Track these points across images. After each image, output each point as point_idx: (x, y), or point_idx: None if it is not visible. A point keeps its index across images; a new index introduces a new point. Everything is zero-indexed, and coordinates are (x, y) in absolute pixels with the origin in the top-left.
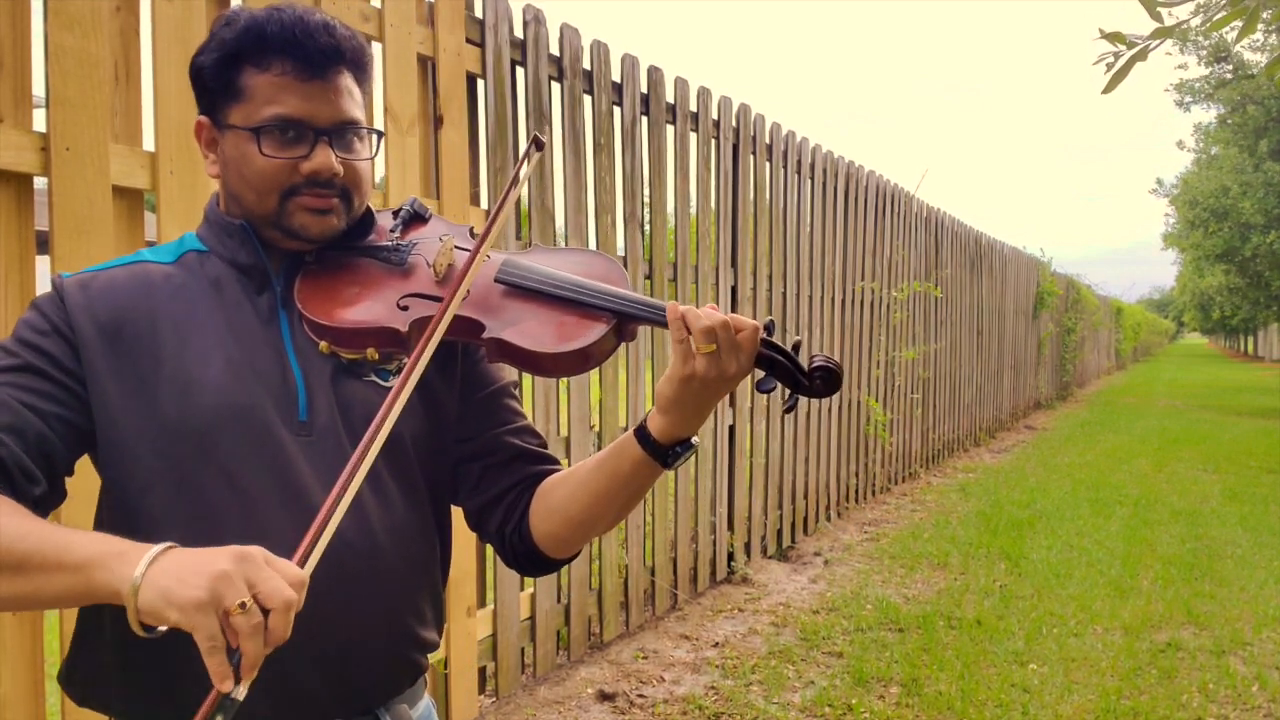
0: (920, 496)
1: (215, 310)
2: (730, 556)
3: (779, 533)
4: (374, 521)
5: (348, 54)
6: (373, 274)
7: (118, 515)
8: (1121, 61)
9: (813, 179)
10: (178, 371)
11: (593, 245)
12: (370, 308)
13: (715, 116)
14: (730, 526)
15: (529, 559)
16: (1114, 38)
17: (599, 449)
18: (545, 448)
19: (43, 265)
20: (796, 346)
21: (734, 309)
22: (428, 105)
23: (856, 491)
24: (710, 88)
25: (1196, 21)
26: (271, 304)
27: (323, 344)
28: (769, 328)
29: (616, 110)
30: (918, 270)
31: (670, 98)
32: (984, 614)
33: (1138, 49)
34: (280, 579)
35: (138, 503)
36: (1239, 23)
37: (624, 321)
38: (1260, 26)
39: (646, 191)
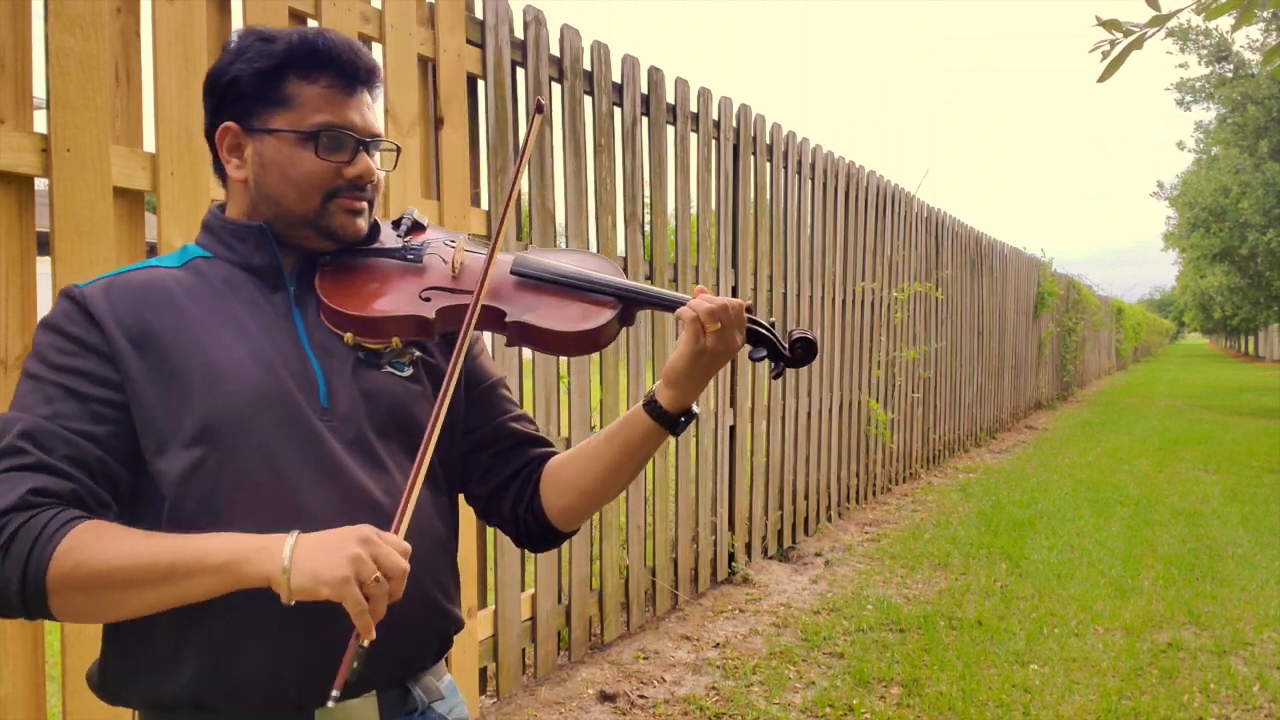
0: (921, 497)
1: (232, 306)
2: (731, 557)
3: (780, 533)
4: (397, 498)
5: (375, 74)
6: (390, 271)
7: (164, 508)
8: (1118, 50)
9: (813, 179)
10: (205, 364)
11: (593, 246)
12: (395, 299)
13: (716, 117)
14: (731, 527)
15: (542, 535)
16: (1110, 25)
17: None
18: (539, 431)
19: (43, 266)
20: (772, 324)
21: None
22: (428, 106)
23: (857, 492)
24: (711, 88)
25: (1193, 16)
26: (285, 302)
27: (348, 335)
28: (748, 308)
29: (617, 111)
30: (918, 270)
31: (671, 98)
32: (985, 614)
33: (1134, 37)
34: (395, 553)
35: (182, 493)
36: (1236, 13)
37: (627, 307)
38: (1259, 25)
39: (647, 192)
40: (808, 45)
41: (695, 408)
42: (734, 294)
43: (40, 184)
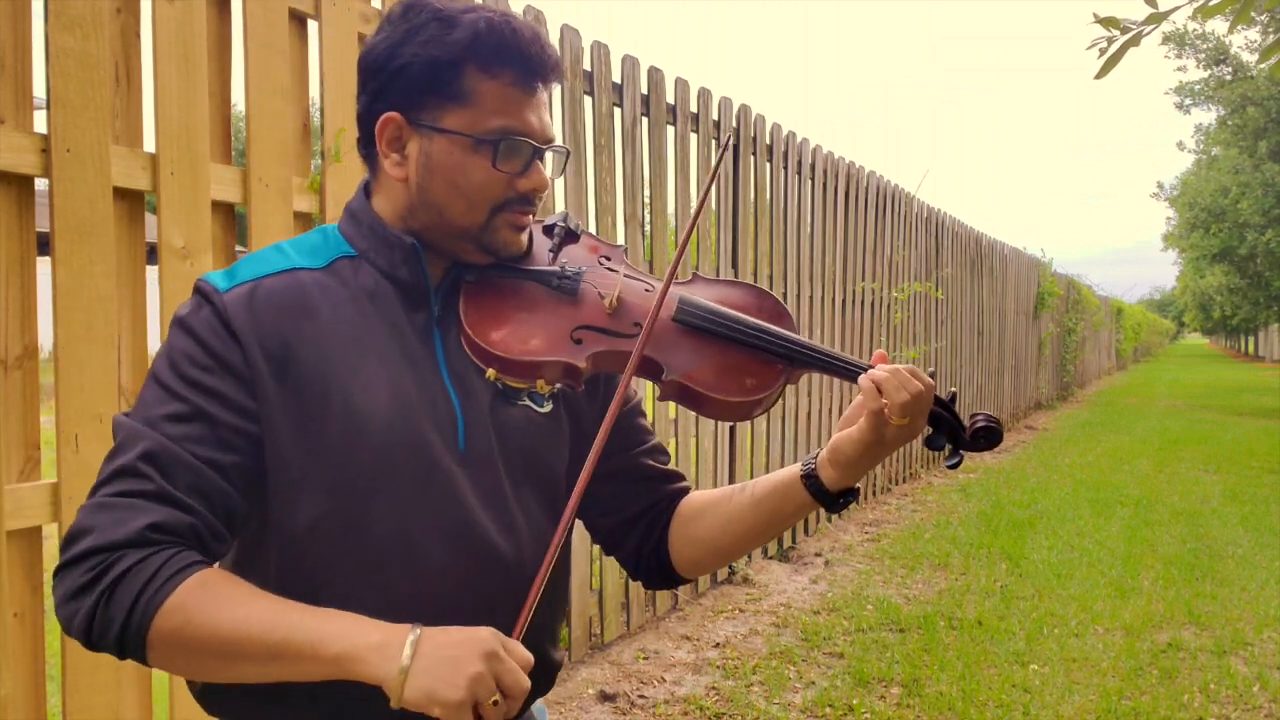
0: (921, 497)
1: (376, 330)
2: None
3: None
4: (525, 552)
5: (559, 71)
6: (541, 300)
7: (286, 553)
8: (1115, 47)
9: (813, 179)
10: (345, 404)
11: None
12: (545, 338)
13: (716, 117)
14: None
15: (661, 577)
16: (1108, 22)
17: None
18: (670, 463)
19: (43, 266)
20: (953, 398)
21: None
22: None
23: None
24: (711, 88)
25: (1189, 21)
26: (426, 323)
27: (490, 371)
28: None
29: (617, 111)
30: (918, 270)
31: (671, 99)
32: (985, 614)
33: (1131, 34)
34: (519, 669)
35: (306, 541)
36: (1232, 14)
37: (797, 369)
38: (1258, 26)
39: (647, 192)
40: (808, 45)
41: (857, 485)
42: None
43: (40, 184)
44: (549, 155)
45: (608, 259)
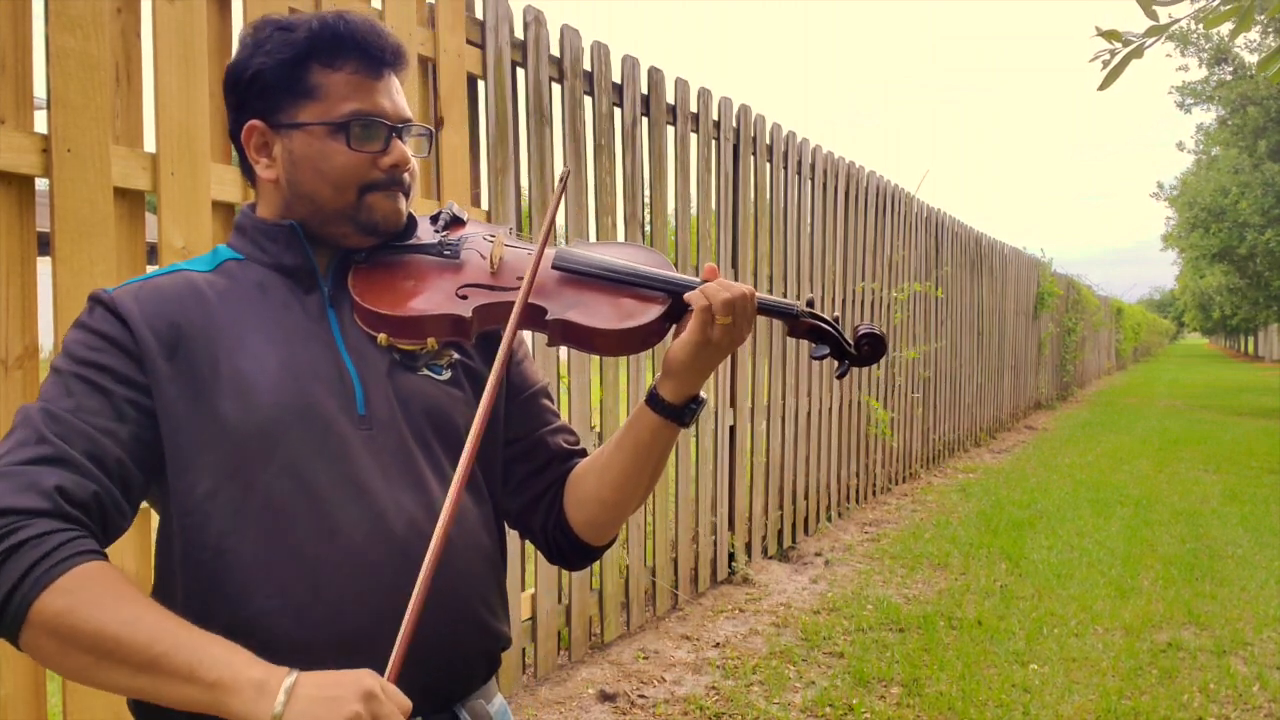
0: (921, 497)
1: (264, 311)
2: (731, 557)
3: (780, 533)
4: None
5: (401, 56)
6: (426, 268)
7: (187, 524)
8: (1117, 59)
9: (813, 180)
10: (234, 374)
11: None
12: (430, 298)
13: (716, 117)
14: (731, 527)
15: (573, 550)
16: (1110, 35)
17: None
18: (578, 444)
19: (44, 266)
20: (837, 319)
21: None
22: (428, 107)
23: (857, 492)
24: (711, 89)
25: (1191, 22)
26: (320, 303)
27: (381, 336)
28: (810, 302)
29: (617, 111)
30: (918, 270)
31: (671, 99)
32: (985, 614)
33: (1133, 46)
34: (397, 712)
35: (206, 509)
36: (1234, 20)
37: (677, 302)
38: (1257, 27)
39: (647, 192)
40: (808, 45)
41: (702, 394)
42: None
43: (41, 184)
44: (415, 135)
45: (491, 236)
